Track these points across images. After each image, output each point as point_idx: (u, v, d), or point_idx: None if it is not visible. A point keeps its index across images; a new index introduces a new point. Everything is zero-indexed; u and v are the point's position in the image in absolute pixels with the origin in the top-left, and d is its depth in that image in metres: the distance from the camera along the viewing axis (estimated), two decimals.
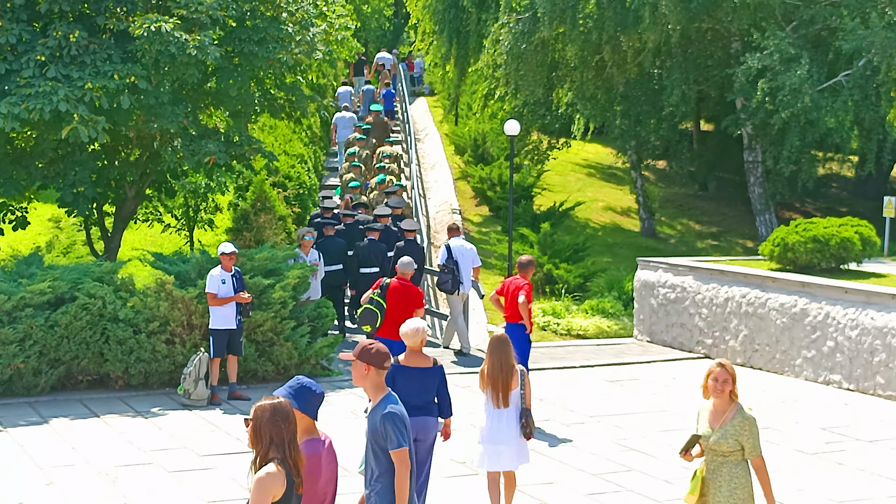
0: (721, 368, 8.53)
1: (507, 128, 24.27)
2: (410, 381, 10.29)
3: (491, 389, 10.88)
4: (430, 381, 10.44)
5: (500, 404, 10.84)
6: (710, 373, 8.54)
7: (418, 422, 10.14)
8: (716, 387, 8.49)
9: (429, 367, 10.42)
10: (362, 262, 21.11)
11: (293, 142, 29.21)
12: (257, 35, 19.51)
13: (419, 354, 10.42)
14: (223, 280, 16.30)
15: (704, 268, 20.92)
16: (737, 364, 19.87)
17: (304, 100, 21.71)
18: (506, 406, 10.85)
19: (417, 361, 10.39)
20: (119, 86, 17.75)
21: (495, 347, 10.85)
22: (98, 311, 16.71)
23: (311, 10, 20.56)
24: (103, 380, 17.23)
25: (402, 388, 10.02)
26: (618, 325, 23.26)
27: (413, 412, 9.80)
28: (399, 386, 10.06)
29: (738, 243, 31.01)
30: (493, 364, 10.82)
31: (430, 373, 10.42)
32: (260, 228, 21.32)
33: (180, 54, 17.72)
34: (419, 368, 10.36)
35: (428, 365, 10.42)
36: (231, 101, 20.59)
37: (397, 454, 7.69)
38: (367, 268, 21.03)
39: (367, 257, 21.10)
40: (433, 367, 10.44)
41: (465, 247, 20.02)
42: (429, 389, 10.42)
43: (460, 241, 20.23)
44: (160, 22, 17.63)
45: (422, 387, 10.36)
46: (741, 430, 8.36)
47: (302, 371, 17.85)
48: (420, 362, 10.39)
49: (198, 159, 19.20)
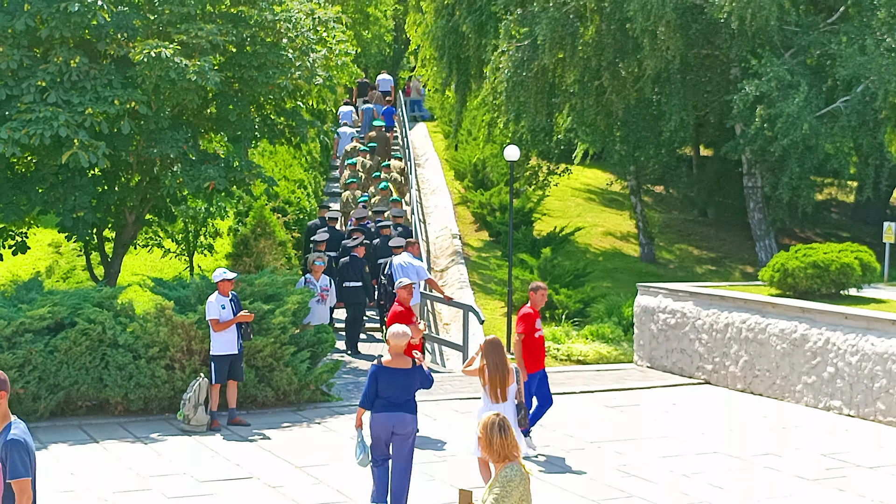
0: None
1: (507, 153, 24.30)
2: (392, 380, 11.57)
3: (490, 386, 12.24)
4: (411, 381, 11.69)
5: (498, 399, 12.20)
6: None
7: (397, 417, 11.54)
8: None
9: (408, 368, 11.67)
10: (344, 276, 22.39)
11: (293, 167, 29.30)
12: (257, 60, 19.58)
13: (401, 357, 11.69)
14: (222, 305, 16.32)
15: (704, 293, 20.92)
16: (737, 390, 19.85)
17: (304, 125, 21.74)
18: (503, 401, 12.24)
19: (399, 363, 11.66)
20: (119, 111, 17.82)
21: (490, 350, 12.25)
22: (98, 336, 16.69)
23: (311, 36, 20.63)
24: (103, 405, 17.20)
25: (384, 386, 11.52)
26: (618, 350, 23.23)
27: (393, 408, 11.51)
28: (381, 385, 11.52)
29: (737, 269, 31.00)
30: (490, 365, 12.20)
31: (411, 373, 11.67)
32: (260, 254, 21.35)
33: (180, 80, 17.78)
34: (400, 370, 11.62)
35: (408, 366, 11.68)
36: (231, 127, 20.64)
37: (18, 484, 7.28)
38: (350, 282, 22.35)
39: (349, 273, 22.38)
40: (413, 368, 11.70)
41: (405, 263, 20.96)
42: (408, 389, 11.66)
43: (405, 257, 21.23)
44: (160, 48, 17.69)
45: (401, 386, 11.60)
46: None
47: (302, 397, 17.84)
48: (401, 363, 11.66)
49: (197, 184, 19.23)
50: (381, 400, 11.61)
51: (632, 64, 28.16)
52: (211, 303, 16.34)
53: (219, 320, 16.27)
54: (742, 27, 25.99)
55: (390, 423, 11.59)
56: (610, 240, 33.65)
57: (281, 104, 21.42)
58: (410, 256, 21.64)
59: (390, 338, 11.69)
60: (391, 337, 11.69)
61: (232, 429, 16.39)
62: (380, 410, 11.61)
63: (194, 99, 18.56)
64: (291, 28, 20.17)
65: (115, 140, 18.62)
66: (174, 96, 18.49)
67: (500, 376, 12.17)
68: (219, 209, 24.38)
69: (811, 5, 28.64)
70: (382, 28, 52.08)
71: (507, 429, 7.29)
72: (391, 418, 11.56)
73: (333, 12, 22.63)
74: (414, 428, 11.76)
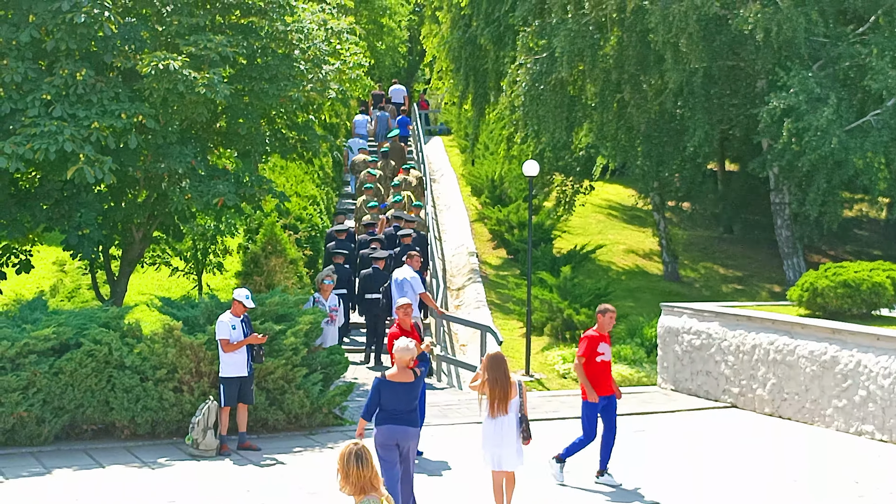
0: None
1: (526, 169, 24.26)
2: (395, 394, 12.11)
3: (489, 400, 12.62)
4: (413, 394, 12.23)
5: (496, 412, 12.57)
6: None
7: (399, 430, 12.08)
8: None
9: (411, 381, 12.21)
10: (365, 288, 23.57)
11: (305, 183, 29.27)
12: (268, 73, 19.58)
13: (405, 371, 12.23)
14: (233, 325, 16.29)
15: (730, 313, 20.81)
16: (765, 414, 19.72)
17: (317, 139, 21.74)
18: (504, 413, 12.59)
19: (402, 377, 12.20)
20: (126, 125, 17.82)
21: (490, 366, 12.59)
22: (104, 357, 16.67)
23: (323, 48, 20.62)
24: (109, 429, 17.17)
25: (387, 399, 12.07)
26: (641, 372, 23.12)
27: (395, 421, 12.06)
28: (384, 398, 12.06)
29: (764, 288, 30.87)
30: (491, 378, 12.57)
31: (414, 386, 12.22)
32: (270, 272, 21.31)
33: (189, 93, 17.79)
34: (403, 384, 12.16)
35: (411, 380, 12.21)
36: (241, 141, 20.66)
37: None
38: (371, 293, 23.39)
39: (370, 284, 23.45)
40: (416, 380, 12.24)
41: (400, 278, 21.72)
42: (411, 401, 12.20)
43: (403, 271, 21.95)
44: (168, 60, 17.70)
45: (403, 400, 12.14)
46: None
47: (315, 420, 17.78)
48: (405, 377, 12.20)
49: (206, 200, 19.20)
50: (383, 412, 12.15)
51: (654, 77, 28.12)
52: (222, 322, 16.32)
53: (230, 341, 16.24)
54: (768, 39, 25.92)
55: (394, 435, 12.12)
56: (632, 258, 33.56)
57: (293, 118, 21.43)
58: (409, 270, 22.04)
59: (396, 351, 12.31)
60: (397, 351, 12.29)
61: (242, 454, 16.35)
62: (383, 423, 12.08)
63: (203, 112, 18.56)
64: (304, 39, 20.18)
65: (121, 155, 18.62)
66: (182, 110, 18.50)
67: (500, 390, 12.55)
68: (228, 226, 24.37)
69: (840, 16, 28.50)
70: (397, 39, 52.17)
71: (366, 459, 7.20)
72: (394, 431, 12.10)
73: (346, 23, 22.64)
74: (417, 440, 12.50)
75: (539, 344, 25.05)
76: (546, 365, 23.94)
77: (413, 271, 22.14)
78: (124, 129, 17.83)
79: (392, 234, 26.02)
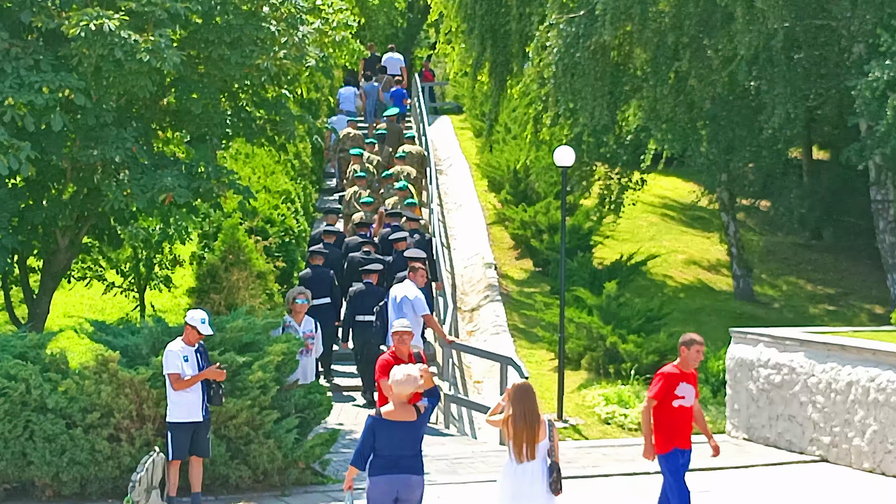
0: None
1: (559, 157, 24.26)
2: (394, 435, 12.20)
3: (514, 441, 12.66)
4: (416, 435, 12.41)
5: (524, 457, 12.58)
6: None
7: (400, 480, 12.15)
8: None
9: (413, 420, 12.31)
10: (356, 308, 23.85)
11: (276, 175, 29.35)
12: (230, 35, 19.56)
13: (405, 407, 12.30)
14: (185, 357, 16.27)
15: (820, 342, 20.79)
16: (863, 469, 19.69)
17: (291, 120, 21.73)
18: (531, 459, 12.62)
19: (402, 414, 12.28)
20: (49, 102, 17.80)
21: (518, 396, 12.68)
22: (20, 398, 16.67)
23: (301, 4, 20.63)
24: (26, 488, 17.17)
25: (383, 443, 12.15)
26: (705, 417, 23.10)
27: (394, 469, 12.13)
28: (380, 441, 12.14)
29: (863, 309, 30.90)
30: (517, 414, 12.64)
31: (417, 426, 12.36)
32: (232, 289, 21.33)
33: (128, 60, 17.79)
34: (403, 423, 12.27)
35: (413, 418, 12.31)
36: (195, 122, 20.68)
37: None
38: (364, 314, 23.57)
39: (362, 303, 23.73)
40: (419, 419, 12.35)
41: (398, 297, 21.96)
42: (413, 444, 12.36)
43: (403, 287, 22.24)
44: (102, 18, 17.67)
45: (404, 442, 12.27)
46: None
47: (289, 478, 17.78)
48: (405, 415, 12.28)
49: (150, 197, 19.18)
50: (379, 459, 12.20)
51: (721, 40, 28.11)
52: (171, 353, 16.30)
53: (181, 376, 16.21)
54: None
55: (393, 487, 12.18)
56: (694, 270, 33.58)
57: (260, 92, 21.44)
58: (411, 286, 22.40)
59: (392, 384, 12.39)
60: (394, 383, 12.37)
61: None
62: (379, 473, 12.14)
63: (147, 85, 18.56)
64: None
65: (42, 139, 18.62)
66: (121, 82, 18.50)
67: (527, 429, 12.63)
68: (178, 230, 24.38)
69: None
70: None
71: None
72: (394, 481, 12.15)
73: None
74: (422, 492, 12.49)
75: (575, 380, 25.05)
76: (584, 407, 23.96)
77: (416, 288, 22.34)
78: (46, 106, 17.83)
79: (386, 237, 26.13)
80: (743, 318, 29.10)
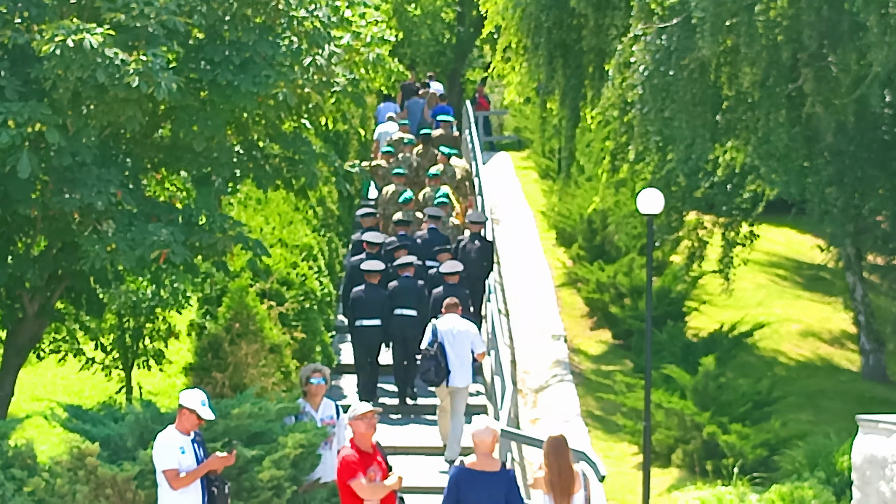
0: None
1: (643, 202, 24.24)
2: (477, 486, 14.82)
3: (553, 497, 15.46)
4: (499, 488, 15.02)
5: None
6: None
7: None
8: None
9: (496, 471, 15.12)
10: (395, 302, 26.59)
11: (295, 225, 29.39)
12: (239, 55, 19.55)
13: (488, 457, 15.12)
14: (182, 448, 16.27)
15: None
16: None
17: (313, 158, 21.72)
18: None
19: (485, 465, 15.06)
20: (15, 138, 17.83)
21: (553, 451, 15.53)
22: None
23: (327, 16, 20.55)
24: None
25: (466, 495, 14.86)
26: None
27: None
28: (463, 492, 14.86)
29: None
30: (552, 470, 15.48)
31: (498, 478, 15.09)
32: (239, 366, 21.43)
33: (114, 84, 17.79)
34: (487, 473, 15.00)
35: (496, 469, 15.13)
36: (195, 161, 20.68)
37: None
38: (403, 308, 26.49)
39: (400, 297, 26.62)
40: (501, 471, 15.20)
41: (457, 328, 24.34)
42: (497, 497, 14.97)
43: (454, 319, 24.48)
44: (82, 33, 17.63)
45: (489, 494, 14.90)
46: None
47: None
48: (488, 465, 15.07)
49: (140, 254, 19.14)
50: None
51: (850, 55, 27.96)
52: (165, 444, 16.26)
53: (178, 472, 16.23)
54: None
55: None
56: (812, 343, 33.50)
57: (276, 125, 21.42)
58: (460, 318, 24.72)
59: (474, 436, 15.16)
60: (475, 434, 15.14)
61: None
62: None
63: (136, 116, 18.59)
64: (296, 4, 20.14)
65: (8, 184, 18.70)
66: (104, 112, 18.53)
67: (562, 484, 15.44)
68: (174, 293, 24.49)
69: None
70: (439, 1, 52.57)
71: None
72: None
73: None
74: None
75: (664, 480, 25.00)
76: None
77: (464, 320, 24.93)
78: (11, 144, 17.87)
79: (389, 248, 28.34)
80: (874, 402, 28.97)
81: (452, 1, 55.33)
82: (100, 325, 25.04)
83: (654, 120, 29.17)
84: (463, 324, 24.55)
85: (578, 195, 36.88)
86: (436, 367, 24.09)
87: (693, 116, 29.03)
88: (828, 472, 24.34)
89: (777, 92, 29.11)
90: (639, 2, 29.44)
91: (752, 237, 33.42)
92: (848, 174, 29.88)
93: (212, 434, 17.41)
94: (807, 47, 27.97)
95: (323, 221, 32.96)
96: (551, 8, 34.13)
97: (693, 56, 28.37)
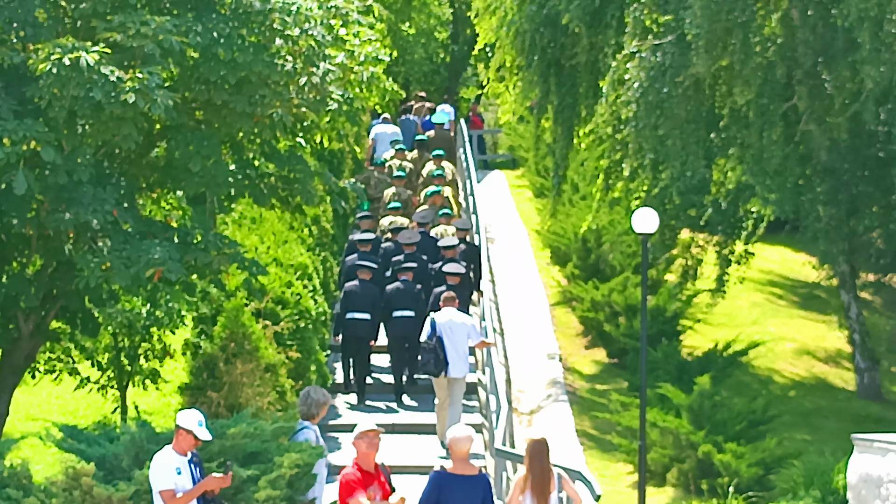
0: None
1: (638, 221, 24.31)
2: (456, 489, 15.63)
3: (532, 496, 16.50)
4: (476, 492, 15.82)
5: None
6: None
7: None
8: None
9: (474, 475, 15.89)
10: (392, 304, 28.13)
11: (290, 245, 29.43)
12: (235, 74, 19.63)
13: (465, 462, 15.84)
14: (178, 469, 16.31)
15: None
16: None
17: (309, 177, 21.79)
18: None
19: (463, 469, 15.79)
20: (10, 157, 17.89)
21: (535, 453, 16.61)
22: None
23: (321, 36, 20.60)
24: None
25: (446, 497, 15.61)
26: None
27: None
28: (444, 495, 15.61)
29: None
30: (534, 471, 16.54)
31: (476, 481, 15.88)
32: (234, 385, 21.44)
33: (110, 103, 17.84)
34: (465, 476, 15.75)
35: (473, 473, 15.88)
36: (191, 180, 20.71)
37: None
38: (401, 310, 28.01)
39: (398, 299, 28.15)
40: (478, 475, 15.98)
41: (454, 320, 25.74)
42: (474, 500, 15.77)
43: (451, 312, 25.86)
44: (78, 52, 17.70)
45: (467, 497, 15.70)
46: None
47: None
48: (466, 469, 15.81)
49: (135, 272, 19.18)
50: None
51: (842, 73, 28.03)
52: (162, 464, 16.26)
53: (174, 493, 16.27)
54: None
55: None
56: (807, 362, 33.53)
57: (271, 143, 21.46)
58: (456, 311, 26.11)
59: (452, 442, 15.89)
60: (453, 441, 15.87)
61: None
62: None
63: (132, 134, 18.62)
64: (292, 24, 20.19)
65: (3, 201, 18.76)
66: (100, 130, 18.56)
67: (542, 486, 16.49)
68: (169, 313, 24.52)
69: None
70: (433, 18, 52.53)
71: None
72: None
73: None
74: None
75: (659, 499, 25.05)
76: None
77: (461, 312, 26.38)
78: (7, 162, 17.93)
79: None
80: (868, 421, 29.01)
81: (446, 20, 55.34)
82: (95, 345, 25.02)
83: (648, 137, 29.20)
84: (460, 316, 25.97)
85: (573, 214, 36.86)
86: (435, 359, 25.38)
87: (687, 134, 29.08)
88: (823, 491, 24.38)
89: (771, 109, 29.18)
90: (633, 19, 29.48)
91: (748, 255, 33.49)
92: (842, 191, 29.94)
93: (207, 454, 17.38)
94: (801, 65, 28.08)
95: (318, 240, 33.01)
96: (545, 26, 34.07)
97: (687, 73, 28.43)
